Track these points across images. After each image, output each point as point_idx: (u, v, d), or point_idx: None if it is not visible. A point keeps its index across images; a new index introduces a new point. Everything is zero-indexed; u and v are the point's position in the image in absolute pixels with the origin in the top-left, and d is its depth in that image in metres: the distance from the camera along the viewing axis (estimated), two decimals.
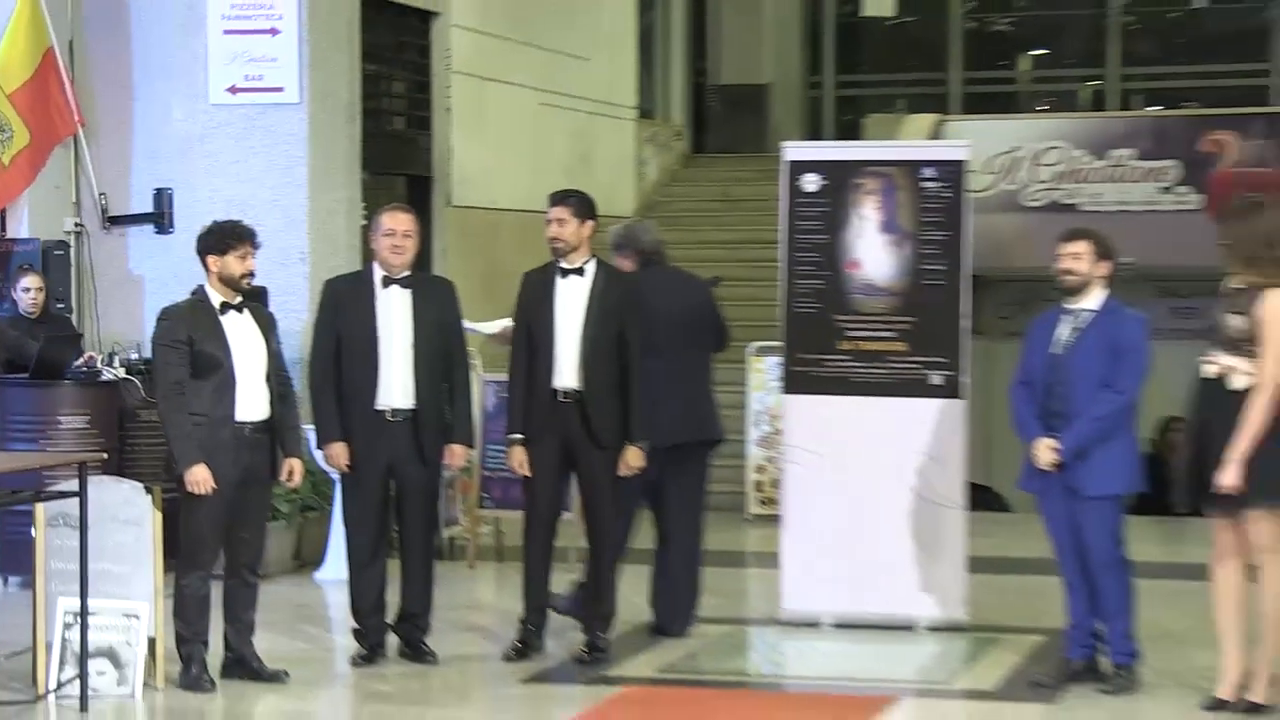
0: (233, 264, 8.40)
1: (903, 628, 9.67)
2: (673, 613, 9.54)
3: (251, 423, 8.37)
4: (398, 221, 8.92)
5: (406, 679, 8.75)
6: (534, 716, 7.98)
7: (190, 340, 8.31)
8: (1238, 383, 7.81)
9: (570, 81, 18.80)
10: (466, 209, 16.54)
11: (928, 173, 9.84)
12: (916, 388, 9.74)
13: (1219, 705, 7.97)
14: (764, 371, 14.39)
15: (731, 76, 23.95)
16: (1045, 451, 8.32)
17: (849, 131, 23.27)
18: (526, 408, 8.93)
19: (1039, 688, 8.43)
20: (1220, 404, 7.82)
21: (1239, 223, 7.92)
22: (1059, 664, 8.57)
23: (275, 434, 8.47)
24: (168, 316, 8.48)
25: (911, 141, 16.51)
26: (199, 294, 8.48)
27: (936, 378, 9.75)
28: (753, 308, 15.62)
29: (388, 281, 8.88)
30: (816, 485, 9.81)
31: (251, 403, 8.37)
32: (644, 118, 21.22)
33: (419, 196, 15.69)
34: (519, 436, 8.97)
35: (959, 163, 9.89)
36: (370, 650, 8.99)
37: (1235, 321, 7.83)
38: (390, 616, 9.06)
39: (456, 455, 9.00)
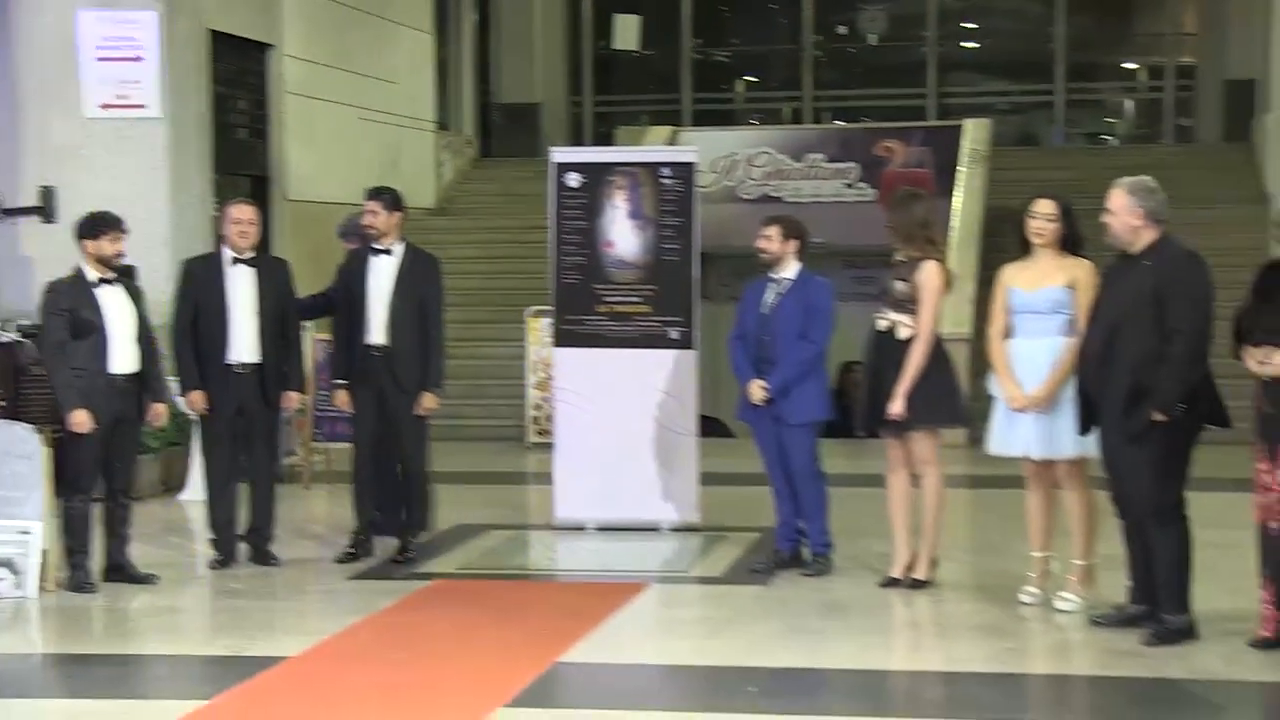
0: (105, 246, 8.19)
1: (650, 529, 9.71)
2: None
3: (122, 374, 8.19)
4: (243, 212, 8.79)
5: (255, 579, 8.62)
6: (360, 606, 7.90)
7: (71, 309, 8.10)
8: (902, 334, 7.95)
9: (381, 100, 18.60)
10: (299, 202, 16.31)
11: (665, 172, 9.86)
12: (658, 341, 9.78)
13: (892, 582, 8.13)
14: (539, 330, 14.39)
15: (510, 96, 23.82)
16: (757, 390, 8.40)
17: (604, 140, 23.27)
18: (347, 359, 8.84)
19: (756, 573, 8.52)
20: (890, 351, 7.96)
21: (901, 210, 8.06)
22: (771, 554, 8.67)
23: (143, 383, 8.28)
24: (52, 289, 8.25)
25: (652, 148, 16.55)
26: (78, 271, 8.26)
27: (674, 333, 9.79)
28: (530, 279, 15.60)
29: (235, 261, 8.74)
30: (581, 419, 9.82)
31: (122, 358, 8.19)
32: (441, 129, 21.02)
33: (260, 192, 15.44)
34: (342, 382, 8.90)
35: (689, 164, 9.92)
36: (225, 556, 8.86)
37: (900, 286, 7.97)
38: (241, 529, 8.92)
39: (291, 400, 8.91)
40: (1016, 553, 8.42)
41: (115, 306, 8.21)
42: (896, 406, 7.86)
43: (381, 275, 8.82)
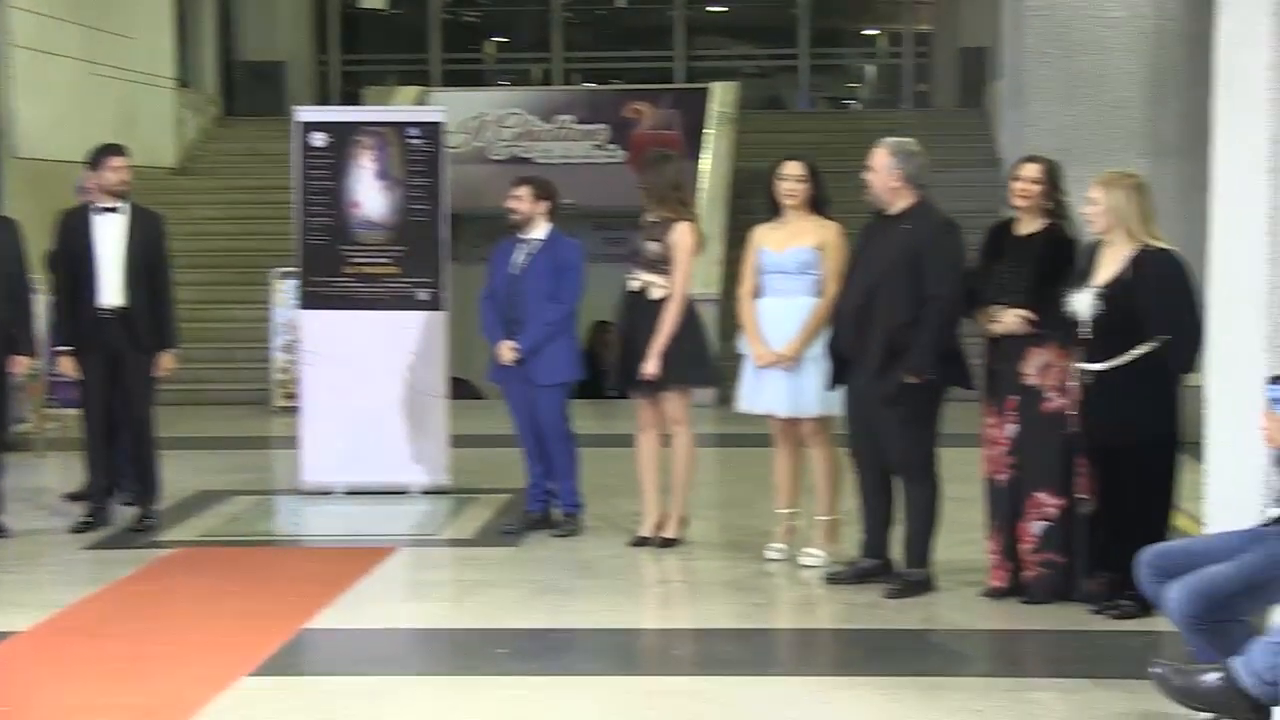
0: None
1: (400, 492, 9.64)
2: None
3: None
4: None
5: None
6: (97, 576, 7.67)
7: None
8: (655, 294, 7.99)
9: (118, 55, 18.03)
10: (29, 160, 15.73)
11: (413, 133, 9.77)
12: (407, 302, 9.70)
13: (642, 541, 8.20)
14: (284, 291, 14.13)
15: (254, 54, 23.31)
16: (507, 351, 8.38)
17: (352, 100, 22.94)
18: (73, 324, 8.57)
19: (506, 534, 8.51)
20: (642, 311, 7.99)
21: (653, 171, 8.09)
22: (521, 515, 8.67)
23: None
24: None
25: (400, 107, 16.37)
26: None
27: (423, 294, 9.72)
28: (275, 240, 15.31)
29: None
30: (328, 382, 9.69)
31: None
32: (182, 86, 20.48)
33: None
34: (67, 348, 8.61)
35: (438, 125, 9.84)
36: None
37: (653, 247, 8.00)
38: None
39: (20, 364, 8.56)
40: (763, 510, 8.56)
41: None
42: (651, 366, 7.91)
43: (109, 235, 8.58)
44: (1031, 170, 6.90)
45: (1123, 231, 6.43)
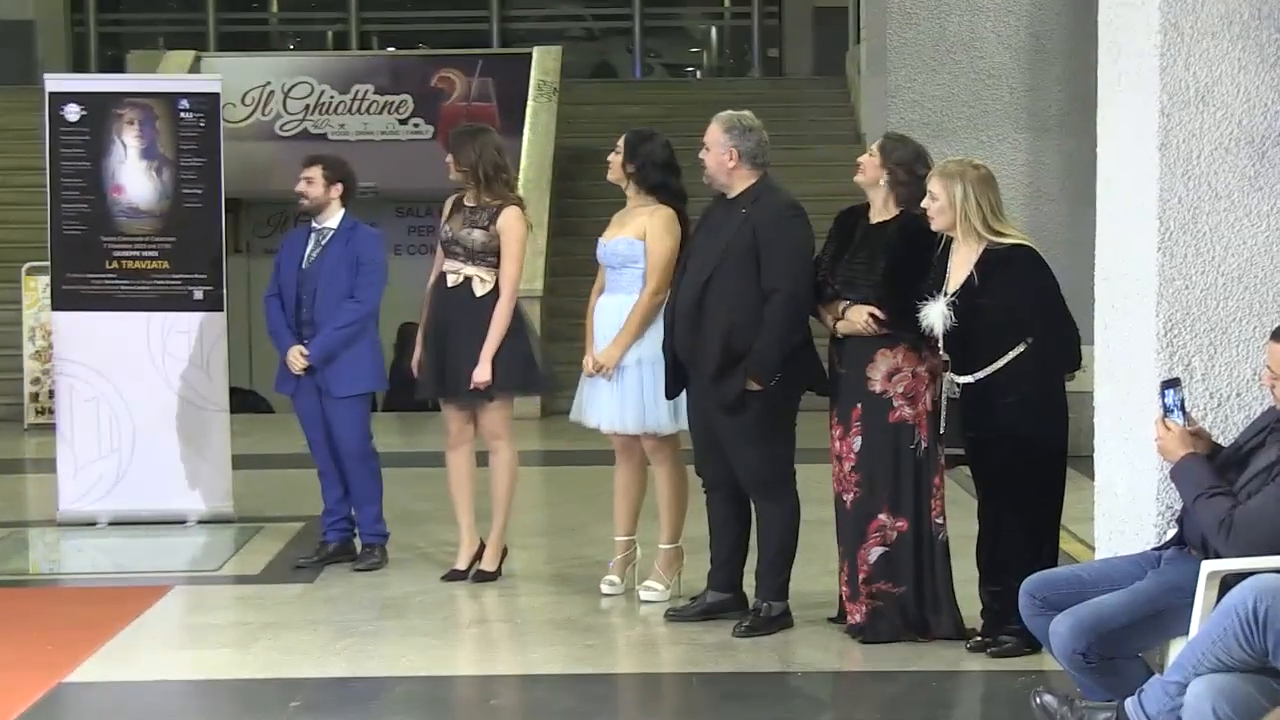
0: None
1: (175, 522, 9.51)
2: None
3: None
4: None
5: None
6: None
7: None
8: (479, 289, 7.94)
9: None
10: None
11: (185, 104, 9.66)
12: (180, 302, 9.59)
13: (456, 575, 8.15)
14: (36, 290, 13.85)
15: None
16: (296, 358, 8.30)
17: (114, 66, 22.57)
18: None
19: (299, 569, 8.42)
20: (463, 309, 7.92)
21: (470, 147, 8.02)
22: (317, 547, 8.58)
23: None
24: None
25: (169, 75, 16.11)
26: None
27: (198, 293, 9.60)
28: (25, 229, 15.02)
29: None
30: (88, 395, 9.53)
31: None
32: None
33: None
34: None
35: (213, 95, 9.74)
36: None
37: (477, 235, 7.95)
38: None
39: None
40: (597, 537, 8.56)
41: None
42: (482, 372, 7.85)
43: None
44: (871, 151, 6.94)
45: (967, 228, 6.53)
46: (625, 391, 7.51)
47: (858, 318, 6.79)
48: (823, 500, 7.17)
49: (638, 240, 7.49)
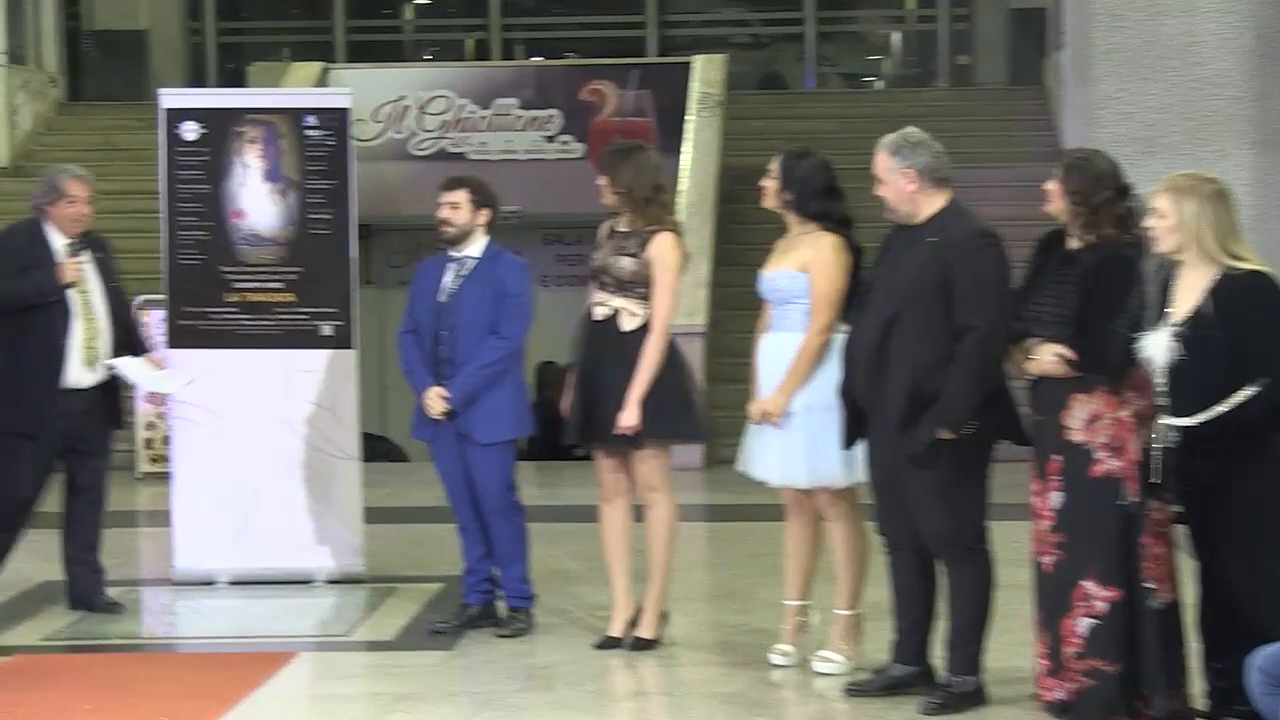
0: None
1: (300, 582, 9.61)
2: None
3: None
4: None
5: None
6: None
7: None
8: (627, 324, 7.99)
9: None
10: None
11: (311, 121, 9.76)
12: (307, 339, 9.68)
13: (611, 643, 8.17)
14: (149, 326, 14.06)
15: (107, 22, 23.36)
16: (435, 400, 8.37)
17: (234, 79, 22.99)
18: None
19: (437, 634, 8.49)
20: (611, 346, 7.98)
21: (627, 167, 8.06)
22: (457, 610, 8.64)
23: None
24: None
25: (295, 89, 16.38)
26: None
27: (327, 328, 9.70)
28: (137, 259, 15.22)
29: None
30: (207, 440, 9.66)
31: None
32: (14, 63, 20.48)
33: None
34: None
35: (343, 110, 9.84)
36: None
37: (626, 264, 8.00)
38: None
39: None
40: (767, 602, 8.54)
41: None
42: (629, 417, 7.90)
43: None
44: (1055, 174, 6.87)
45: (1198, 252, 6.43)
46: (794, 441, 7.52)
47: (1044, 357, 6.75)
48: (1019, 562, 7.12)
49: (800, 273, 7.50)
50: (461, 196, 8.47)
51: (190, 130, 9.78)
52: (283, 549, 9.63)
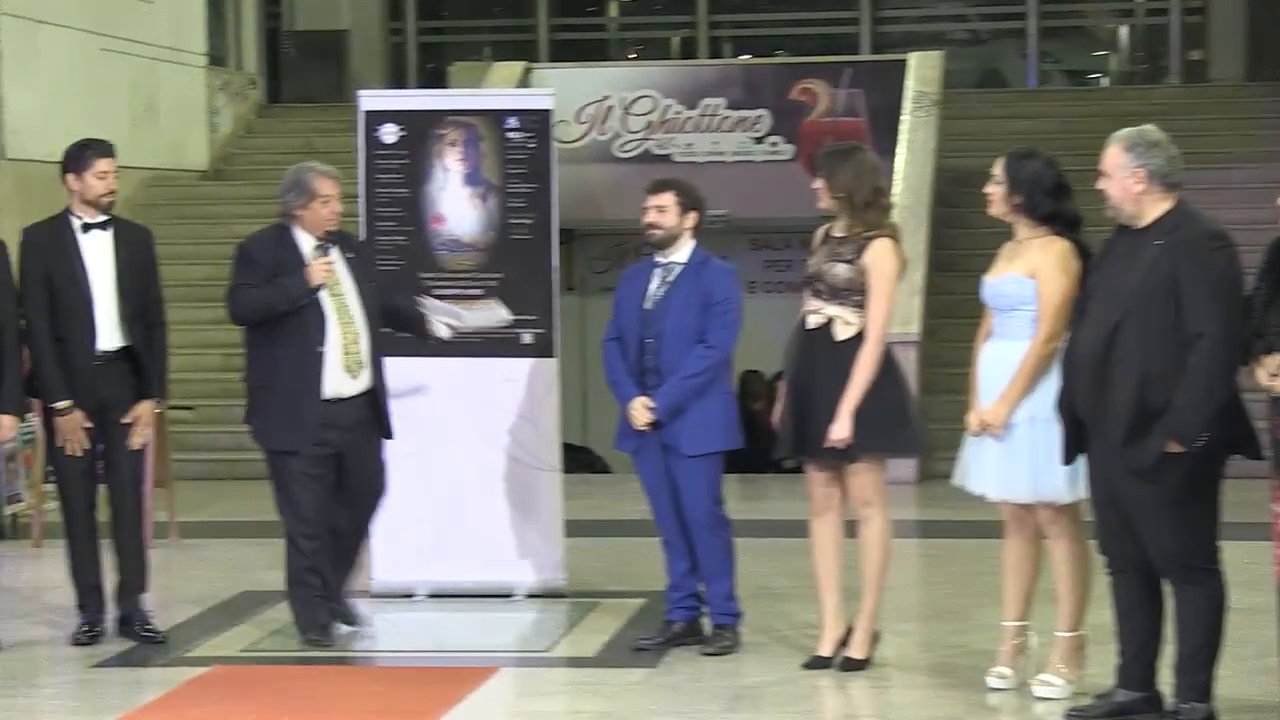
0: None
1: (500, 596, 9.69)
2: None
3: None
4: None
5: None
6: (111, 703, 7.79)
7: None
8: (841, 333, 7.97)
9: (132, 26, 18.44)
10: (22, 162, 16.10)
11: (513, 123, 9.85)
12: (507, 347, 9.75)
13: (820, 662, 8.16)
14: None
15: (307, 22, 23.72)
16: (640, 411, 8.41)
17: (434, 80, 23.25)
18: (62, 371, 8.76)
19: (641, 651, 8.53)
20: (825, 355, 7.96)
21: (846, 168, 8.05)
22: (660, 627, 8.67)
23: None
24: None
25: (497, 90, 16.54)
26: None
27: (527, 336, 9.78)
28: None
29: None
30: (404, 451, 9.72)
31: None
32: (215, 65, 20.88)
33: None
34: (66, 403, 8.76)
35: (545, 112, 9.91)
36: None
37: (842, 270, 7.99)
38: None
39: (5, 427, 8.74)
40: (984, 623, 8.49)
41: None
42: (842, 428, 7.90)
43: (99, 258, 8.82)
44: None
45: None
46: (1014, 453, 7.47)
47: None
48: (1253, 584, 7.04)
49: (1028, 278, 7.45)
50: (669, 199, 8.51)
51: (390, 133, 9.91)
52: (482, 562, 9.72)
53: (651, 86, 19.52)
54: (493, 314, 9.47)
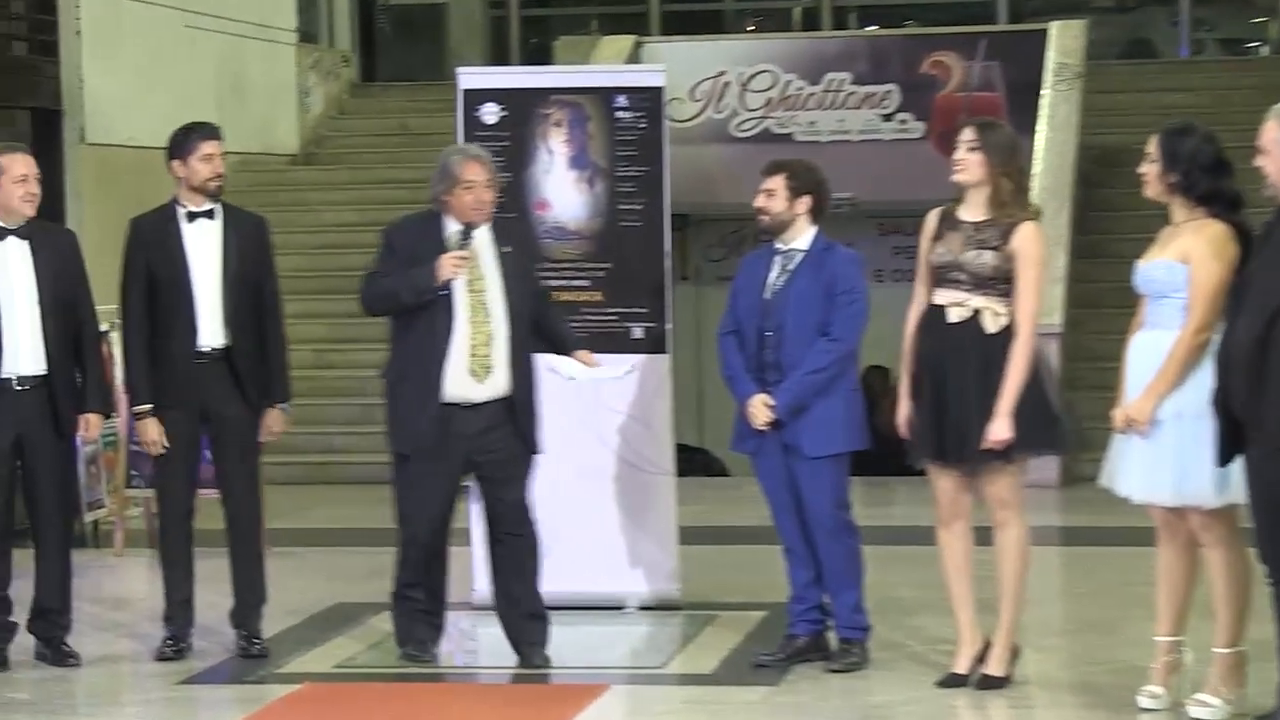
0: None
1: (611, 608, 9.72)
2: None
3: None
4: (28, 165, 8.73)
5: (45, 684, 8.57)
6: None
7: None
8: (990, 325, 7.93)
9: (218, 1, 18.54)
10: (103, 147, 16.25)
11: (621, 101, 9.86)
12: (616, 342, 9.77)
13: (956, 681, 8.13)
14: None
15: None
16: (759, 409, 8.39)
17: (538, 55, 23.27)
18: (155, 372, 8.84)
19: (761, 668, 8.52)
20: (971, 349, 7.92)
21: (1001, 146, 7.95)
22: (782, 641, 8.65)
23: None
24: None
25: (604, 66, 16.55)
26: None
27: (638, 330, 9.80)
28: None
29: (2, 233, 8.70)
30: None
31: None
32: (305, 41, 21.00)
33: (45, 132, 15.37)
34: (147, 407, 8.85)
35: (656, 89, 9.92)
36: None
37: (989, 258, 7.92)
38: (22, 614, 8.86)
39: (92, 426, 8.88)
40: (1133, 637, 8.43)
41: None
42: (1001, 429, 7.84)
43: (204, 249, 8.87)
44: None
45: None
46: (1160, 452, 7.42)
47: None
48: None
49: (1180, 264, 7.39)
50: (778, 183, 8.48)
51: (490, 113, 9.93)
52: (591, 572, 9.72)
53: (771, 60, 19.48)
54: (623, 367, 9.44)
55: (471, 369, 8.41)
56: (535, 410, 8.62)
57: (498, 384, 8.48)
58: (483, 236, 8.54)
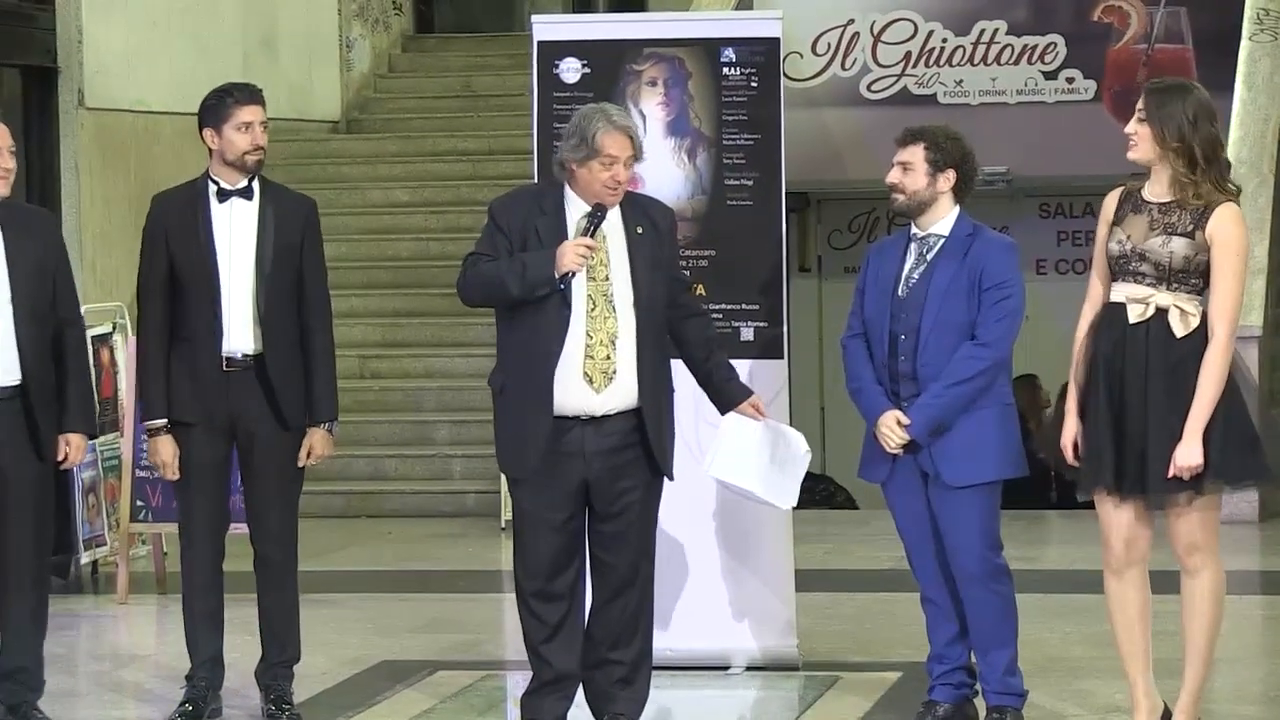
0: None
1: (715, 668, 9.76)
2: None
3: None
4: (3, 136, 8.68)
5: None
6: None
7: None
8: (1179, 328, 7.88)
9: None
10: (106, 111, 16.35)
11: (729, 55, 9.88)
12: (722, 345, 9.77)
13: None
14: None
15: None
16: (892, 428, 8.40)
17: (629, 3, 23.31)
18: (170, 384, 8.87)
19: None
20: (1153, 357, 7.91)
21: (1181, 115, 7.89)
22: (921, 709, 8.65)
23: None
24: None
25: (708, 13, 16.56)
26: None
27: (748, 331, 9.82)
28: None
29: None
30: None
31: None
32: None
33: (37, 95, 15.49)
34: (161, 422, 8.90)
35: (772, 41, 9.95)
36: None
37: (1179, 246, 7.88)
38: None
39: (75, 447, 8.83)
40: None
41: None
42: (1193, 453, 7.80)
43: (236, 235, 8.90)
44: None
45: None
46: None
47: None
48: None
49: None
50: (916, 154, 8.49)
51: (571, 70, 9.97)
52: (691, 626, 9.73)
53: (910, 7, 19.44)
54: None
55: (587, 375, 8.20)
56: (669, 427, 8.45)
57: (621, 395, 8.32)
58: (613, 215, 8.32)
